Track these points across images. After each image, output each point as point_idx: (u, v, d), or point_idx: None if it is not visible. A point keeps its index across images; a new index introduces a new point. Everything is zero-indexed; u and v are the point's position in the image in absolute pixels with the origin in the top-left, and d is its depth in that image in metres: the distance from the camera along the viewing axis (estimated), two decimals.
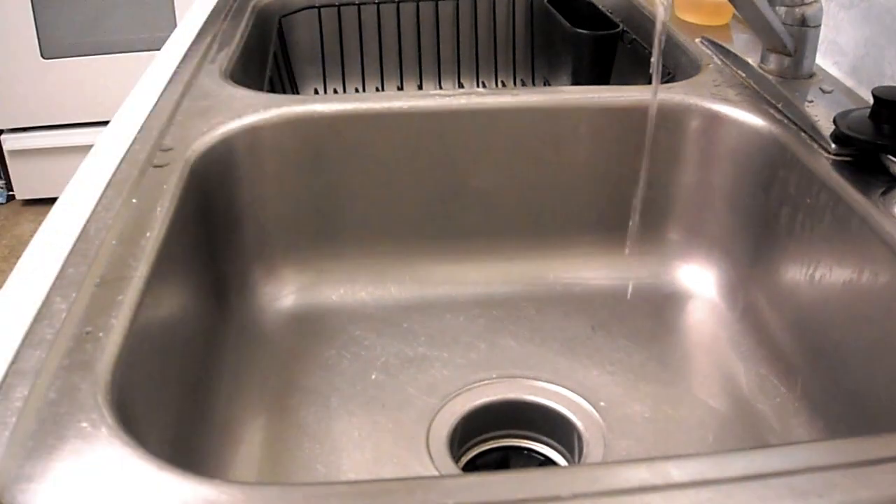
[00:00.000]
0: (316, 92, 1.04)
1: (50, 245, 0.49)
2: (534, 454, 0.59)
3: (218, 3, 0.94)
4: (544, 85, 1.05)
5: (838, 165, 0.57)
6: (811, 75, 0.68)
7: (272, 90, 0.83)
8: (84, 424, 0.36)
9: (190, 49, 0.79)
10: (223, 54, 0.78)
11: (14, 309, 0.44)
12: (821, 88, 0.66)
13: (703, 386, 0.61)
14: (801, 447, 0.40)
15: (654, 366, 0.63)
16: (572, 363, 0.63)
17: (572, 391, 0.60)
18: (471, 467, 0.58)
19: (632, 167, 0.69)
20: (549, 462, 0.59)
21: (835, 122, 0.58)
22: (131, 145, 0.61)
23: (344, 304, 0.70)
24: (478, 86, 1.06)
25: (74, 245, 0.49)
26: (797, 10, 0.65)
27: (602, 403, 0.59)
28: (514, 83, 1.07)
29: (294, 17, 1.00)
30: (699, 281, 0.71)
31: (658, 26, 0.58)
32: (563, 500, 0.32)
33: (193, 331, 0.57)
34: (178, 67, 0.75)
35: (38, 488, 0.34)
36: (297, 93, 1.02)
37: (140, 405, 0.43)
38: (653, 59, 0.59)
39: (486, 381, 0.61)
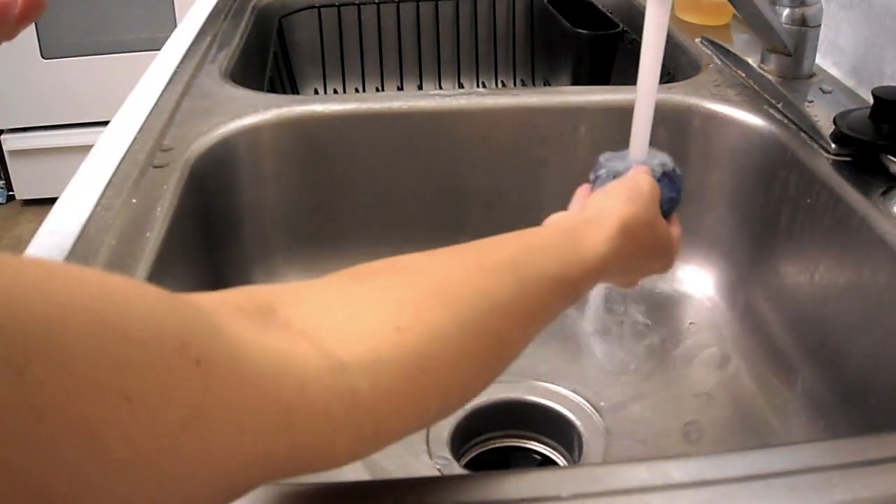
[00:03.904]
0: (316, 92, 1.03)
1: (50, 245, 0.49)
2: (534, 454, 0.59)
3: (218, 3, 0.94)
4: (544, 85, 1.05)
5: (838, 165, 0.57)
6: (811, 75, 0.68)
7: (272, 90, 0.83)
8: None
9: (190, 49, 0.79)
10: (223, 54, 0.78)
11: None
12: (821, 88, 0.66)
13: (703, 386, 0.61)
14: (801, 447, 0.40)
15: (653, 366, 0.63)
16: (572, 363, 0.63)
17: (572, 391, 0.60)
18: (471, 467, 0.58)
19: None
20: (549, 462, 0.59)
21: (835, 122, 0.58)
22: (131, 145, 0.61)
23: None
24: (478, 86, 1.06)
25: (74, 245, 0.49)
26: (797, 10, 0.65)
27: (602, 403, 0.59)
28: (514, 83, 1.07)
29: (294, 17, 1.00)
30: (699, 281, 0.71)
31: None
32: (563, 500, 0.32)
33: None
34: (178, 67, 0.75)
35: None
36: (297, 93, 1.02)
37: None
38: None
39: None
